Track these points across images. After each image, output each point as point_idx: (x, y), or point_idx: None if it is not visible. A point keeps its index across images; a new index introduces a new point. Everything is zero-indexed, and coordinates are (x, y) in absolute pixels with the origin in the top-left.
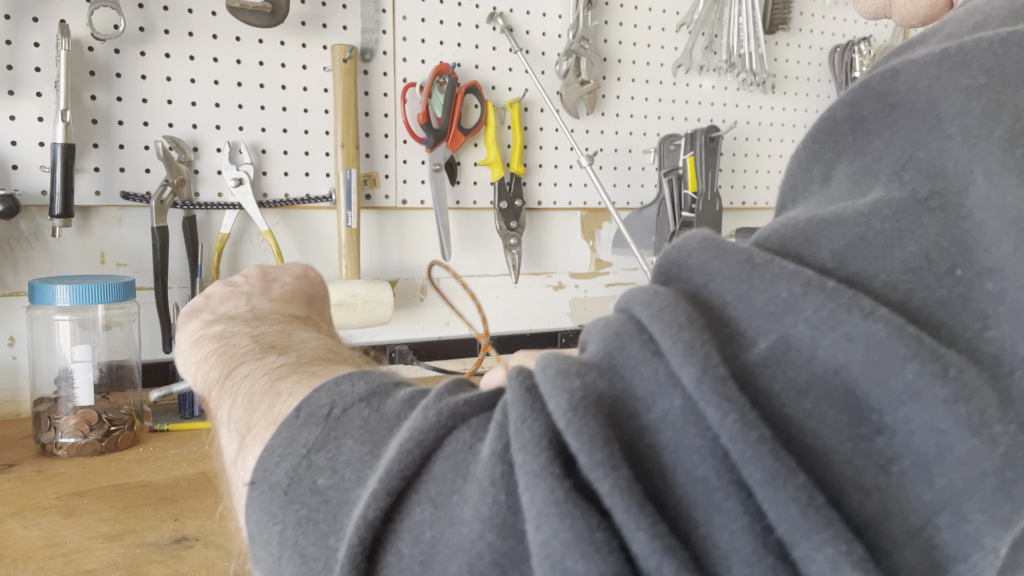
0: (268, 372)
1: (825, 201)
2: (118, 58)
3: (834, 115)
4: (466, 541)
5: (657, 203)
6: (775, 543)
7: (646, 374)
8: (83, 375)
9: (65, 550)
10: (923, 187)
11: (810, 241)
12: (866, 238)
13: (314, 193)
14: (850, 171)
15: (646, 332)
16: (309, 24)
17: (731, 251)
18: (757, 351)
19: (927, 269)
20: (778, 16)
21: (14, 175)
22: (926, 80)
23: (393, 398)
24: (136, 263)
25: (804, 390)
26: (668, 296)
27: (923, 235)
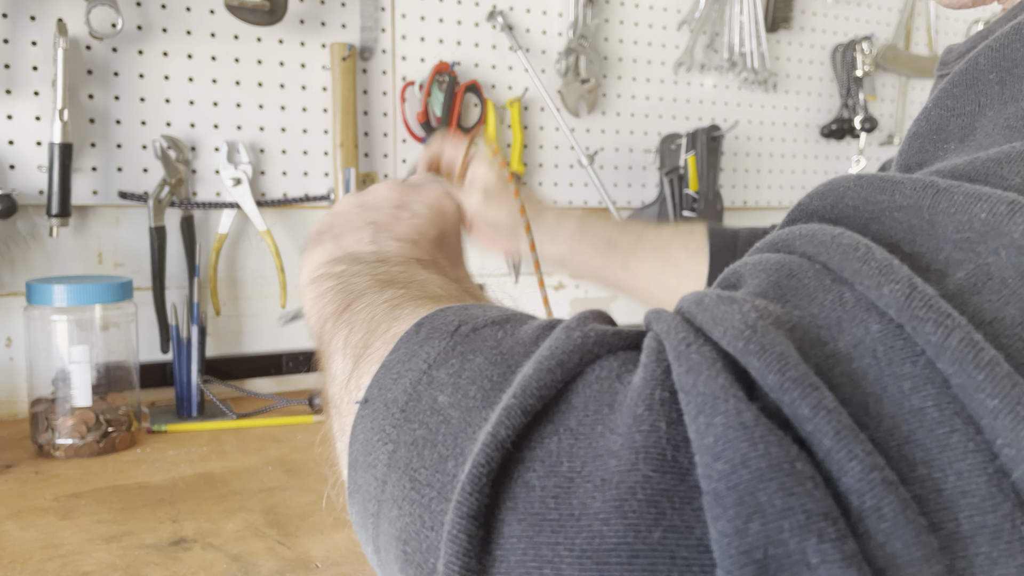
0: (389, 300)
1: (975, 150)
2: (116, 57)
3: (976, 64)
4: (613, 474)
5: (658, 203)
6: (1011, 487)
7: (827, 301)
8: (81, 376)
9: (63, 551)
10: None
11: (990, 173)
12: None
13: (313, 192)
14: (1001, 118)
15: (817, 261)
16: (308, 22)
17: (903, 180)
18: (955, 279)
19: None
20: (780, 15)
21: (11, 175)
22: None
23: (531, 324)
24: (134, 263)
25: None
26: (830, 230)
27: (977, 212)
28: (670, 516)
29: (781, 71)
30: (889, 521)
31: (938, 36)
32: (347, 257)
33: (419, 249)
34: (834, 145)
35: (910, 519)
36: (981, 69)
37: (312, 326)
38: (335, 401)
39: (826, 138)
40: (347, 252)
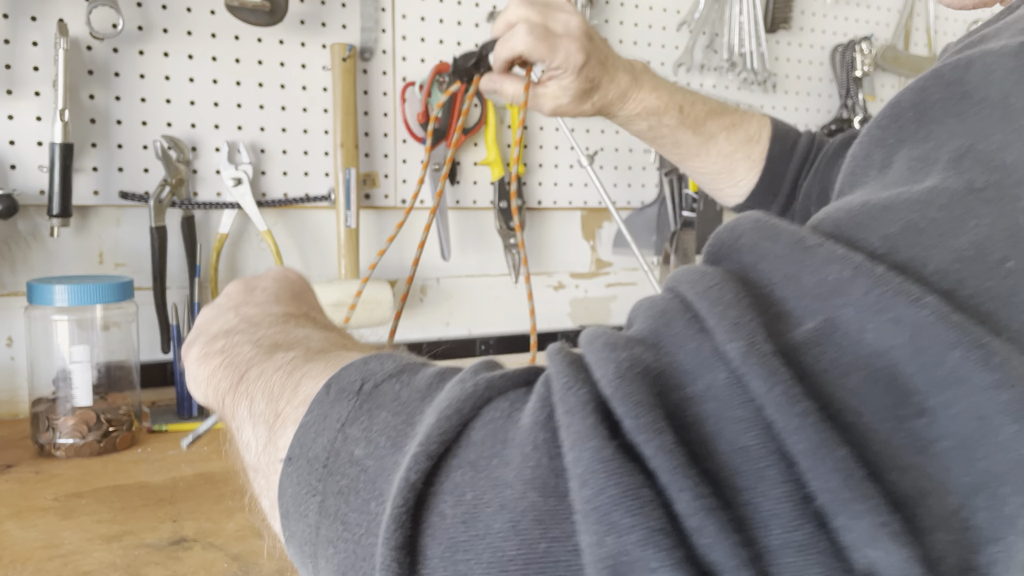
0: (281, 367)
1: (881, 187)
2: (117, 57)
3: (900, 101)
4: (508, 500)
5: (658, 203)
6: (814, 512)
7: (691, 348)
8: (81, 376)
9: (63, 551)
10: (981, 177)
11: (862, 226)
12: (918, 225)
13: (313, 193)
14: (909, 157)
15: (692, 310)
16: (308, 23)
17: (784, 232)
18: (804, 331)
19: (978, 259)
20: (779, 15)
21: (12, 175)
22: (1001, 72)
23: (423, 374)
24: (134, 263)
25: (848, 370)
26: (716, 275)
27: (977, 225)
28: (553, 531)
29: (780, 71)
30: (710, 537)
31: (937, 36)
32: (221, 334)
33: (281, 305)
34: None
35: (727, 536)
36: (903, 107)
37: (211, 404)
38: (254, 465)
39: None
40: (220, 331)
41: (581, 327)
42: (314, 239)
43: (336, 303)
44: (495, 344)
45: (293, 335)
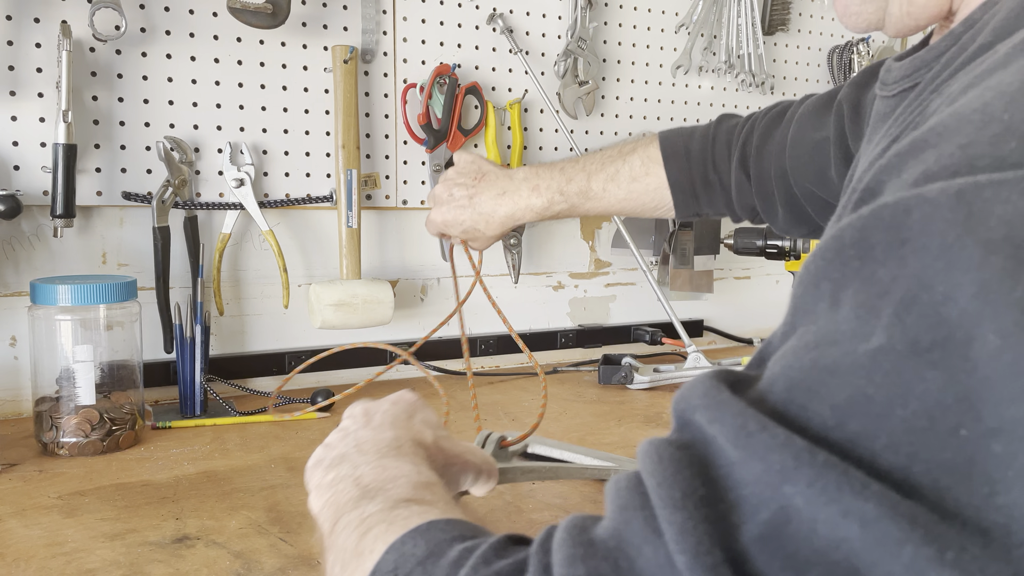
0: (359, 524)
1: (832, 332)
2: (119, 59)
3: (842, 236)
4: None
5: None
6: None
7: (648, 554)
8: (85, 375)
9: (67, 549)
10: (926, 335)
11: (812, 393)
12: (867, 393)
13: (315, 193)
14: (856, 301)
15: (649, 507)
16: (310, 25)
17: (728, 414)
18: (757, 523)
19: (930, 429)
20: (777, 17)
21: (16, 175)
22: (940, 224)
23: (445, 559)
24: (137, 263)
25: (806, 567)
26: (671, 464)
27: (925, 391)
28: None
29: (778, 73)
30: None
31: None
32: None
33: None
34: None
35: None
36: (845, 243)
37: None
38: None
39: None
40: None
41: (580, 327)
42: (316, 239)
43: (337, 303)
44: (495, 344)
45: (388, 472)
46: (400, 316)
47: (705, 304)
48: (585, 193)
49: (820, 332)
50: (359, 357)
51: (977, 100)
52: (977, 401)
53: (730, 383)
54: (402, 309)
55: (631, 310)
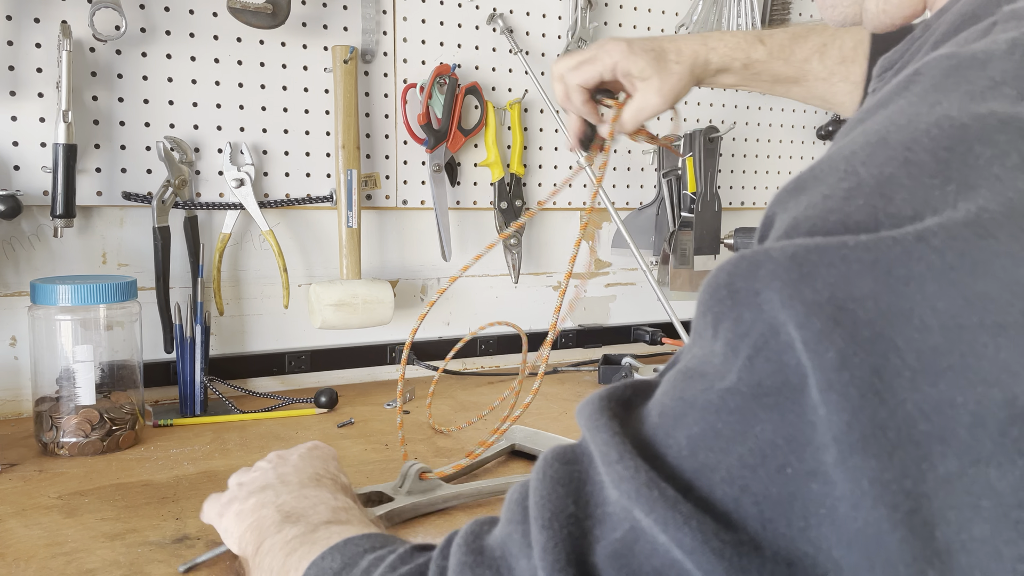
0: (283, 546)
1: (706, 362)
2: (119, 59)
3: (718, 276)
4: None
5: (656, 203)
6: None
7: (523, 567)
8: (85, 375)
9: (67, 549)
10: (768, 379)
11: (676, 421)
12: (716, 428)
13: (315, 193)
14: (726, 337)
15: (527, 522)
16: (310, 25)
17: (601, 439)
18: (612, 540)
19: (761, 466)
20: (776, 17)
21: (16, 175)
22: (779, 282)
23: (357, 568)
24: (138, 263)
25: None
26: (549, 483)
27: (761, 431)
28: None
29: None
30: None
31: None
32: (257, 489)
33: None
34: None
35: None
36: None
37: (242, 557)
38: None
39: (823, 139)
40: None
41: (580, 327)
42: (316, 239)
43: (337, 303)
44: (495, 344)
45: (308, 500)
46: (400, 316)
47: None
48: (782, 53)
49: (697, 358)
50: (359, 357)
51: (851, 143)
52: (802, 444)
53: (617, 406)
54: (402, 309)
55: (631, 310)
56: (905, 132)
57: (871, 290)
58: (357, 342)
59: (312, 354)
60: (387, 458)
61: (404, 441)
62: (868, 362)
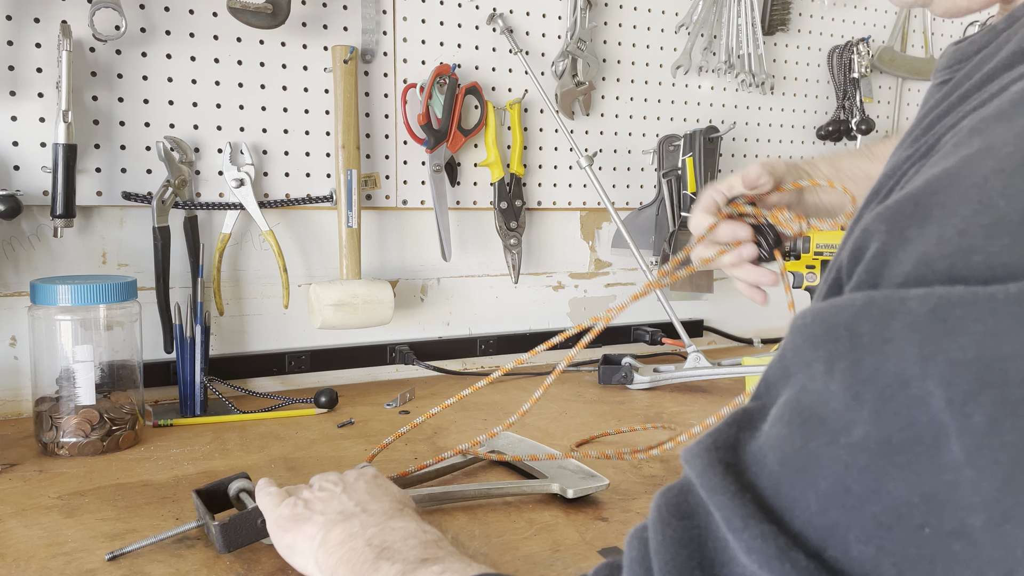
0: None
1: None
2: (119, 59)
3: (839, 314)
4: None
5: (656, 203)
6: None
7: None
8: (85, 375)
9: (67, 549)
10: (898, 434)
11: (802, 475)
12: (846, 485)
13: (315, 193)
14: (845, 381)
15: (647, 563)
16: (310, 25)
17: (720, 501)
18: None
19: (897, 525)
20: (777, 17)
21: (16, 175)
22: (918, 336)
23: None
24: (137, 263)
25: None
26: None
27: (895, 489)
28: None
29: (778, 73)
30: None
31: (934, 38)
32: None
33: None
34: (831, 146)
35: None
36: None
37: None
38: None
39: (823, 139)
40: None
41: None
42: (316, 239)
43: (337, 303)
44: (495, 343)
45: (397, 533)
46: (400, 316)
47: (705, 304)
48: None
49: (813, 397)
50: (359, 357)
51: (978, 168)
52: (940, 503)
53: (726, 454)
54: (402, 309)
55: (631, 310)
56: None
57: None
58: (357, 342)
59: (312, 354)
60: (387, 458)
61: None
62: (1020, 426)
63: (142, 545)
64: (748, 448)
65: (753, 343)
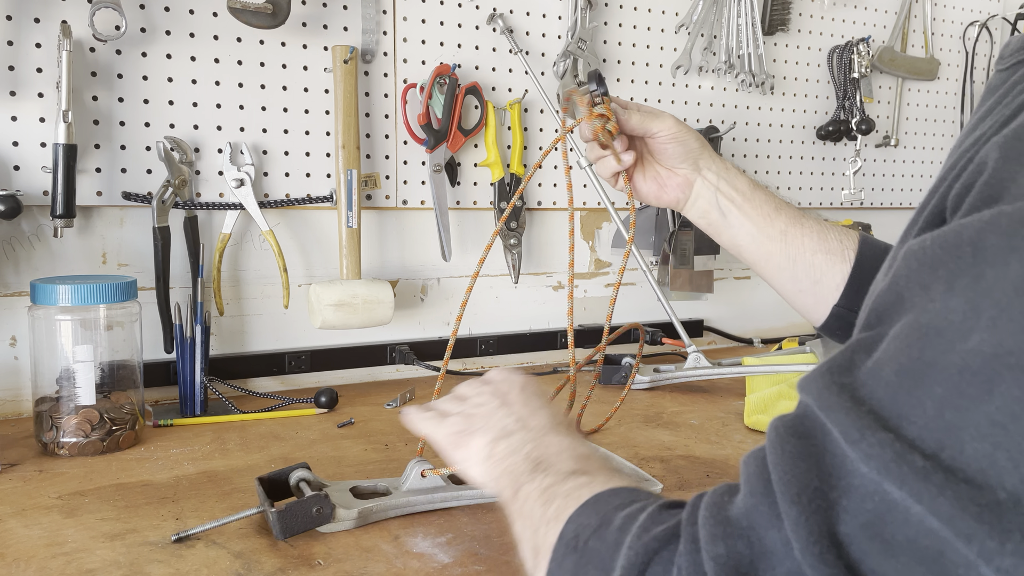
0: (539, 496)
1: (943, 318)
2: (119, 59)
3: (962, 232)
4: None
5: None
6: None
7: (773, 537)
8: (85, 375)
9: (67, 549)
10: (1012, 338)
11: (918, 382)
12: (960, 388)
13: (315, 193)
14: (966, 295)
15: (772, 495)
16: (310, 25)
17: (838, 416)
18: (863, 511)
19: (1012, 423)
20: (777, 17)
21: (16, 175)
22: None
23: (613, 527)
24: (138, 263)
25: (899, 550)
26: (790, 460)
27: (1007, 390)
28: None
29: (778, 73)
30: None
31: (934, 38)
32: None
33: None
34: (831, 146)
35: None
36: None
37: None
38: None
39: (823, 139)
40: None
41: (581, 327)
42: (316, 239)
43: (337, 303)
44: (495, 344)
45: (552, 448)
46: (400, 316)
47: (705, 304)
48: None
49: (931, 314)
50: (359, 357)
51: None
52: None
53: (841, 375)
54: (402, 309)
55: (631, 310)
56: None
57: None
58: (357, 342)
59: (312, 354)
60: (387, 458)
61: None
62: None
63: (206, 528)
64: (863, 367)
65: (753, 343)
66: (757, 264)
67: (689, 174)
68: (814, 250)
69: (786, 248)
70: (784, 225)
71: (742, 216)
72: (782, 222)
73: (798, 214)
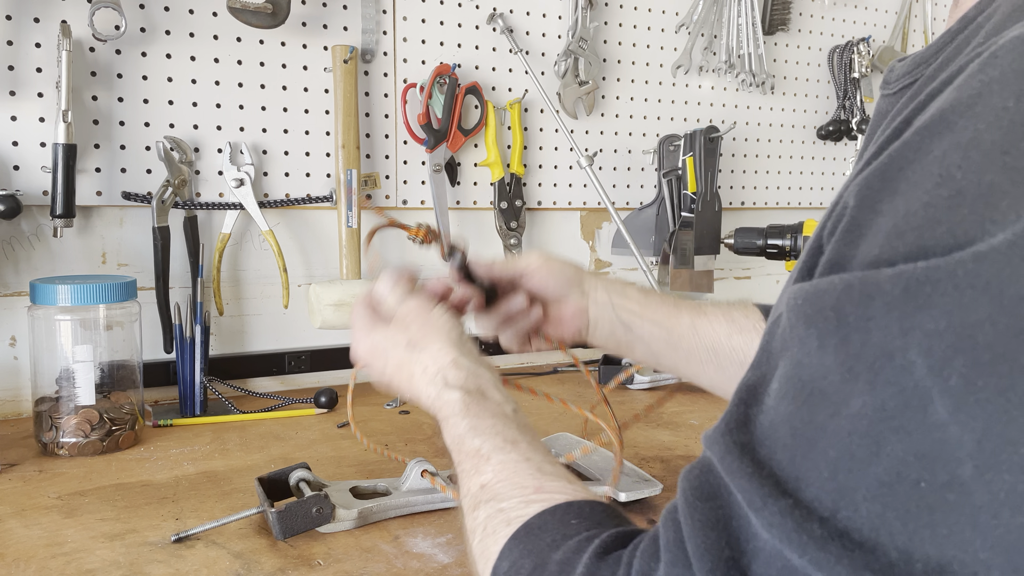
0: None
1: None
2: (119, 59)
3: (823, 297)
4: None
5: (656, 203)
6: None
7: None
8: (84, 375)
9: (66, 549)
10: (891, 400)
11: (812, 445)
12: (851, 451)
13: (315, 193)
14: (838, 356)
15: (691, 567)
16: (310, 25)
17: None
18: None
19: (897, 482)
20: (777, 17)
21: (15, 175)
22: (896, 313)
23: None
24: (137, 263)
25: None
26: (701, 530)
27: (893, 450)
28: None
29: (779, 73)
30: None
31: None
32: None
33: None
34: (831, 146)
35: None
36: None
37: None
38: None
39: (823, 139)
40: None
41: None
42: (316, 239)
43: (337, 303)
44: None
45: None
46: None
47: None
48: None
49: (814, 371)
50: None
51: (937, 143)
52: (933, 459)
53: (739, 434)
54: None
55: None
56: (997, 132)
57: (987, 314)
58: None
59: (312, 354)
60: (387, 458)
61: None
62: (992, 384)
63: (206, 528)
64: (758, 423)
65: None
66: (677, 367)
67: (578, 300)
68: (728, 334)
69: (701, 341)
70: (690, 319)
71: (647, 323)
72: (687, 317)
73: (695, 305)
